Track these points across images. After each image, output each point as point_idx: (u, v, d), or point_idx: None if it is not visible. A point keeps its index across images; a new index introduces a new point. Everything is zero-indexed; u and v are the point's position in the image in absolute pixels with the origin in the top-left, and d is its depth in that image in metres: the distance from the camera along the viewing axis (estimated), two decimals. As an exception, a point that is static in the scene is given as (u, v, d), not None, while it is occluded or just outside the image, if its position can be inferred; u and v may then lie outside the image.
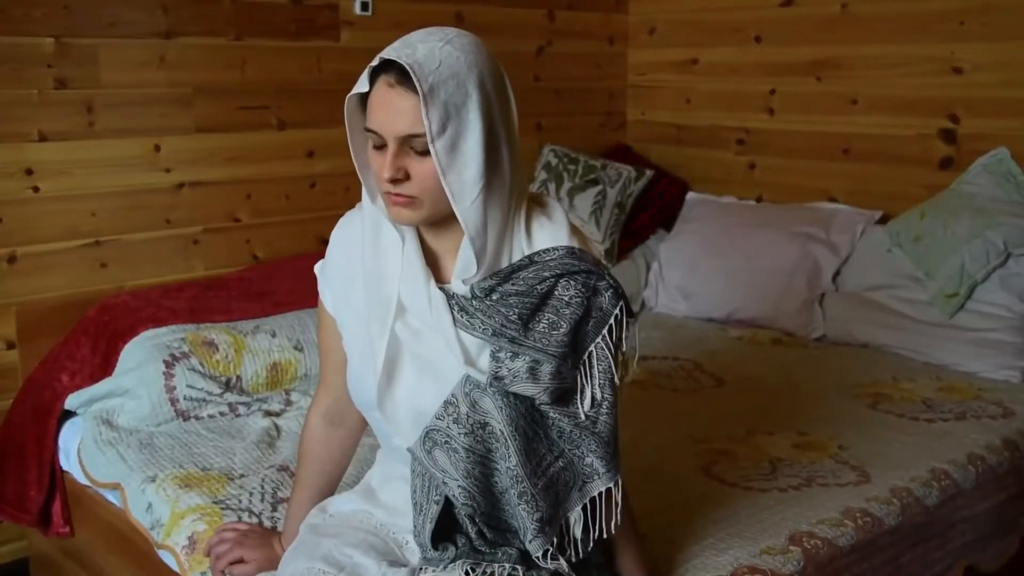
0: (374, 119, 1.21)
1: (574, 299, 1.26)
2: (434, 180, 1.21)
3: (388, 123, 1.20)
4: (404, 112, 1.18)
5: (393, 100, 1.19)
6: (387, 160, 1.20)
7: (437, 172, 1.19)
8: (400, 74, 1.18)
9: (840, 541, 1.68)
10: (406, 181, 1.21)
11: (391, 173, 1.20)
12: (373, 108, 1.22)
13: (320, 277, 1.43)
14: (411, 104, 1.18)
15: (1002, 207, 2.64)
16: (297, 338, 2.37)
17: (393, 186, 1.21)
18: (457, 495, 1.24)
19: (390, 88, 1.20)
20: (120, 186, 2.53)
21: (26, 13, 2.32)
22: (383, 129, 1.20)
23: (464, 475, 1.24)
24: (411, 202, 1.23)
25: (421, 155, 1.20)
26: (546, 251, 1.28)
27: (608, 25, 3.69)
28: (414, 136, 1.19)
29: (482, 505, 1.26)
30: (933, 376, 2.53)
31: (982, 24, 2.80)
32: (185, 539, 1.73)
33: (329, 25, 2.87)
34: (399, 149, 1.20)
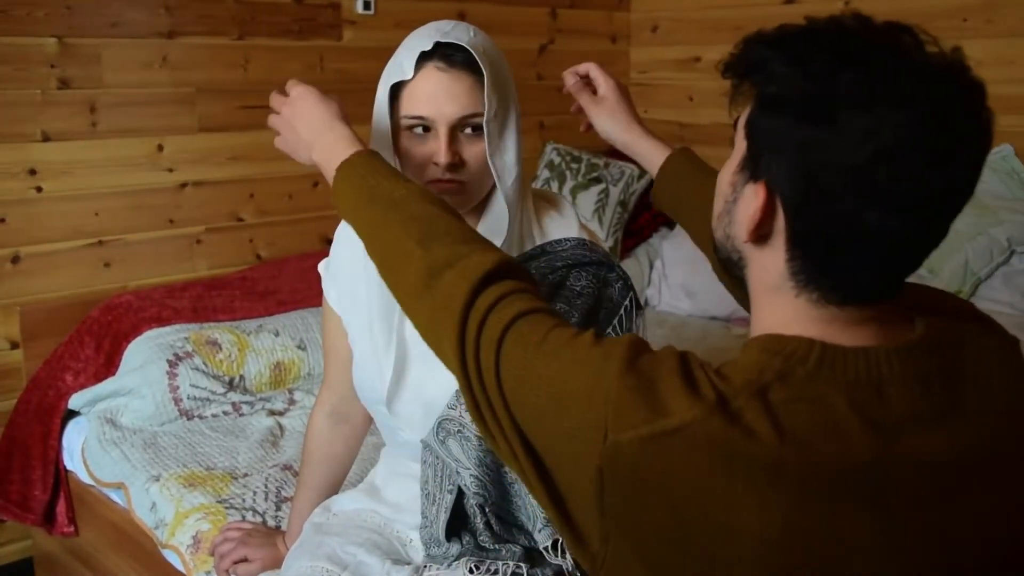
0: (423, 105, 1.20)
1: (585, 290, 1.27)
2: (483, 163, 1.22)
3: (443, 106, 1.20)
4: (459, 95, 1.19)
5: (448, 83, 1.19)
6: (442, 145, 1.20)
7: (485, 155, 1.20)
8: (449, 58, 1.19)
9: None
10: (461, 166, 1.22)
11: (449, 158, 1.20)
12: (420, 94, 1.21)
13: (324, 275, 1.43)
14: (467, 86, 1.19)
15: (1006, 204, 2.64)
16: (300, 337, 2.37)
17: (449, 171, 1.21)
18: (469, 484, 1.24)
19: (443, 72, 1.20)
20: (123, 186, 2.54)
21: (29, 13, 2.32)
22: (436, 113, 1.20)
23: (476, 463, 1.24)
24: (461, 187, 1.23)
25: (471, 138, 1.21)
26: (558, 242, 1.29)
27: (610, 23, 3.69)
28: (468, 118, 1.20)
29: (493, 495, 1.26)
30: (937, 374, 2.52)
31: (985, 21, 2.80)
32: (189, 538, 1.74)
33: (331, 24, 2.87)
34: (452, 133, 1.20)
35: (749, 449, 0.76)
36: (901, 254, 0.82)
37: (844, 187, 0.77)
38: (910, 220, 0.78)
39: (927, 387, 0.82)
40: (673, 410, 0.78)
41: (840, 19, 0.82)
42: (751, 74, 0.84)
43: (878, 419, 0.80)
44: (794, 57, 0.80)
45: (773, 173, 0.82)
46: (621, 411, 0.79)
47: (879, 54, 0.78)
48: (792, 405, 0.79)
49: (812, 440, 0.77)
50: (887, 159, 0.76)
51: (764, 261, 0.86)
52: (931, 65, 0.79)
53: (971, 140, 0.80)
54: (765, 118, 0.82)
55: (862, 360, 0.82)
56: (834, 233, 0.80)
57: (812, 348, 0.82)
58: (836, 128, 0.77)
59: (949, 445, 0.82)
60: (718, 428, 0.76)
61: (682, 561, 0.79)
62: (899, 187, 0.76)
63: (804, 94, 0.79)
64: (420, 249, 0.96)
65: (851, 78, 0.77)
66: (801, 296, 0.84)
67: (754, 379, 0.80)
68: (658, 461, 0.77)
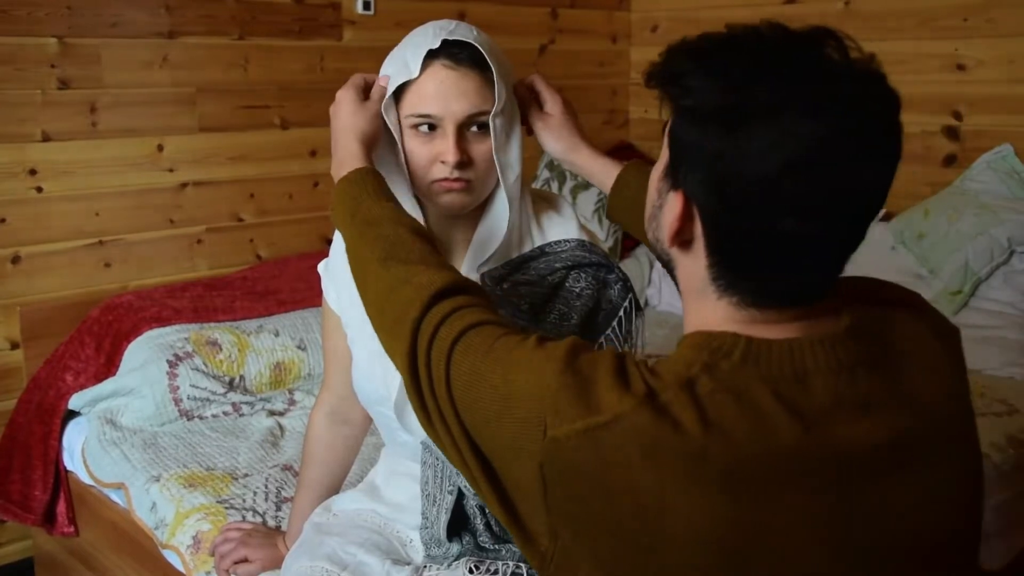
0: (430, 103, 1.20)
1: (584, 291, 1.27)
2: (490, 162, 1.22)
3: (451, 104, 1.19)
4: (467, 92, 1.19)
5: (456, 81, 1.19)
6: (451, 144, 1.19)
7: (491, 153, 1.21)
8: (456, 56, 1.19)
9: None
10: (469, 165, 1.21)
11: (457, 156, 1.19)
12: (427, 92, 1.20)
13: (324, 275, 1.43)
14: (474, 83, 1.19)
15: (1006, 204, 2.64)
16: (300, 337, 2.37)
17: (457, 170, 1.20)
18: (470, 484, 1.24)
19: (450, 69, 1.19)
20: (123, 186, 2.54)
21: (29, 13, 2.32)
22: (444, 111, 1.20)
23: None
24: (467, 186, 1.23)
25: (478, 136, 1.21)
26: (558, 242, 1.29)
27: (611, 23, 3.69)
28: (476, 116, 1.20)
29: None
30: (937, 373, 2.52)
31: (986, 21, 2.80)
32: (189, 538, 1.74)
33: (331, 24, 2.87)
34: (460, 132, 1.20)
35: (676, 441, 0.78)
36: (817, 260, 0.84)
37: (756, 197, 0.79)
38: (822, 227, 0.80)
39: (852, 376, 0.84)
40: (606, 405, 0.81)
41: (758, 28, 0.85)
42: (669, 86, 0.86)
43: (803, 409, 0.82)
44: (709, 70, 0.82)
45: (690, 182, 0.84)
46: (558, 408, 0.82)
47: (790, 65, 0.80)
48: (717, 396, 0.81)
49: (736, 430, 0.79)
50: (795, 169, 0.78)
51: (688, 265, 0.90)
52: (844, 74, 0.80)
53: (881, 149, 0.82)
54: (682, 129, 0.85)
55: (786, 352, 0.84)
56: (749, 241, 0.82)
57: (737, 342, 0.84)
58: (747, 139, 0.79)
59: (876, 432, 0.83)
60: (646, 421, 0.79)
61: (622, 552, 0.81)
62: (808, 196, 0.78)
63: (717, 106, 0.81)
64: (381, 266, 1.03)
65: (761, 90, 0.79)
66: (723, 299, 0.87)
67: (682, 372, 0.83)
68: (593, 455, 0.80)
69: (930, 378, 0.89)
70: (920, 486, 0.85)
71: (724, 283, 0.86)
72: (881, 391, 0.86)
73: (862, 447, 0.83)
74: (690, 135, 0.83)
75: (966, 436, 0.92)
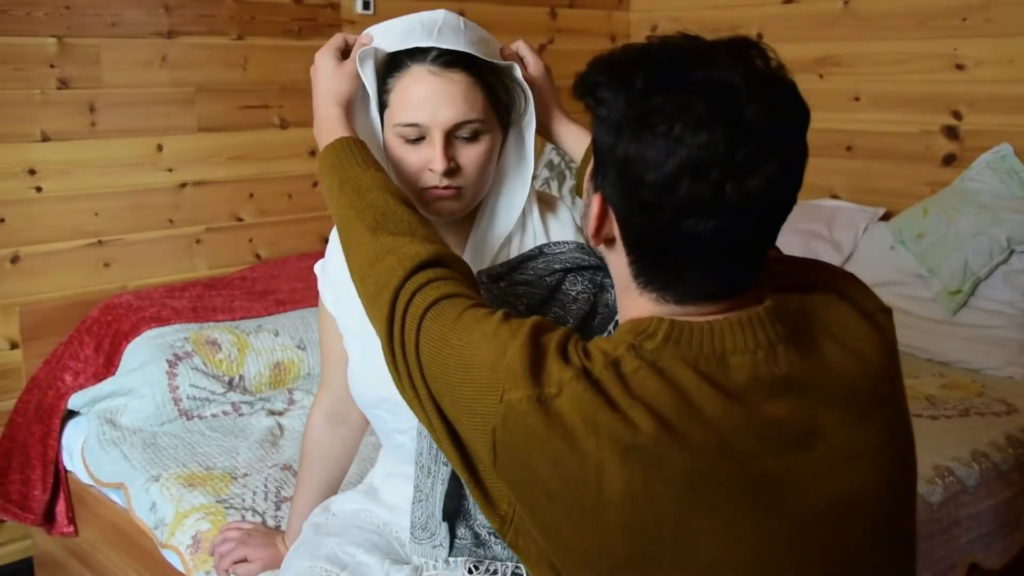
0: (416, 111, 1.17)
1: (581, 295, 1.26)
2: (480, 168, 1.21)
3: (438, 112, 1.17)
4: (454, 98, 1.17)
5: (442, 87, 1.17)
6: (438, 152, 1.17)
7: (484, 157, 1.20)
8: (441, 59, 1.16)
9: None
10: (458, 172, 1.20)
11: (445, 164, 1.17)
12: (413, 99, 1.18)
13: (320, 276, 1.43)
14: (461, 88, 1.17)
15: (1005, 203, 2.64)
16: (300, 337, 2.37)
17: (446, 177, 1.19)
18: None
19: (436, 76, 1.17)
20: (123, 186, 2.54)
21: (28, 13, 2.32)
22: (431, 120, 1.17)
23: None
24: (458, 193, 1.21)
25: (468, 141, 1.19)
26: (556, 244, 1.29)
27: (610, 23, 3.69)
28: (464, 124, 1.18)
29: None
30: (936, 373, 2.52)
31: (985, 20, 2.80)
32: (189, 538, 1.74)
33: (331, 24, 2.87)
34: (448, 139, 1.18)
35: (609, 418, 0.85)
36: (724, 257, 0.88)
37: (656, 200, 0.86)
38: (723, 226, 0.85)
39: (772, 354, 0.89)
40: (551, 377, 0.88)
41: (671, 40, 0.90)
42: (585, 97, 0.93)
43: (723, 385, 0.87)
44: (617, 82, 0.88)
45: (606, 186, 0.91)
46: (514, 376, 0.88)
47: (689, 77, 0.85)
48: (641, 373, 0.87)
49: (660, 404, 0.85)
50: (688, 173, 0.83)
51: (614, 262, 0.97)
52: (746, 86, 0.84)
53: (777, 154, 0.85)
54: (599, 135, 0.91)
55: (707, 333, 0.89)
56: (657, 240, 0.88)
57: (661, 324, 0.90)
58: (646, 146, 0.85)
59: (796, 408, 0.88)
60: (583, 391, 0.86)
61: (565, 517, 0.87)
62: (704, 198, 0.84)
63: (623, 116, 0.87)
64: (370, 235, 1.07)
65: (658, 100, 0.85)
66: (644, 295, 0.93)
67: (609, 352, 0.89)
68: (542, 420, 0.86)
69: (851, 357, 0.93)
70: (840, 456, 0.90)
71: (643, 280, 0.92)
72: (802, 368, 0.90)
73: (782, 421, 0.88)
74: (605, 142, 0.90)
75: (892, 407, 0.96)
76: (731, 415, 0.86)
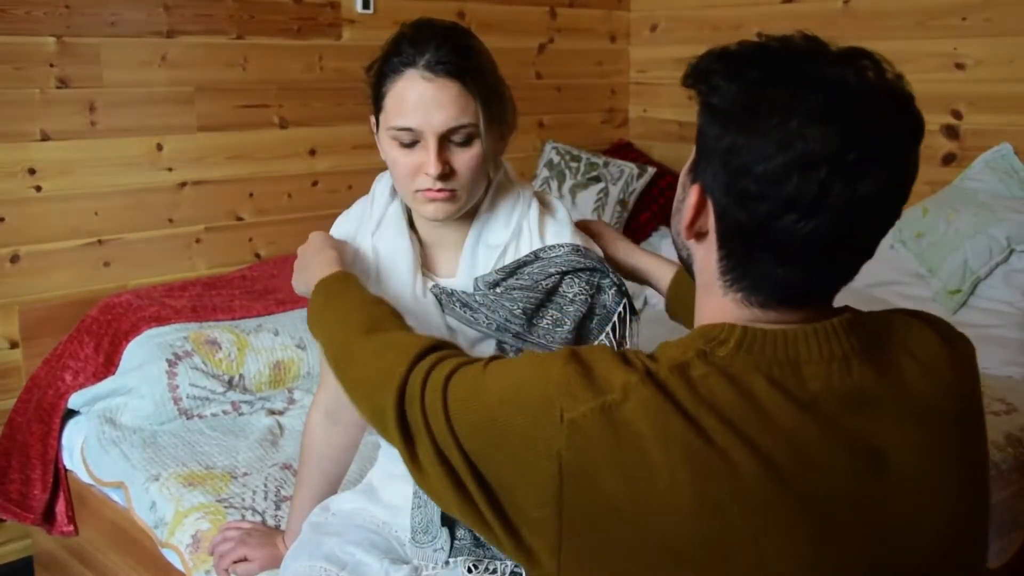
0: (410, 115, 1.19)
1: (578, 296, 1.26)
2: (474, 171, 1.22)
3: (431, 117, 1.18)
4: (446, 104, 1.18)
5: (434, 93, 1.18)
6: (432, 156, 1.18)
7: (477, 161, 1.20)
8: (434, 66, 1.17)
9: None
10: (452, 175, 1.21)
11: (439, 168, 1.19)
12: (407, 103, 1.19)
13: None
14: (453, 94, 1.18)
15: (1005, 203, 2.64)
16: (300, 336, 2.37)
17: (439, 181, 1.20)
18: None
19: (429, 81, 1.18)
20: (122, 185, 2.53)
21: (28, 12, 2.32)
22: (424, 124, 1.18)
23: None
24: (452, 196, 1.22)
25: (462, 145, 1.20)
26: (552, 247, 1.29)
27: (610, 22, 3.69)
28: (457, 128, 1.19)
29: None
30: (936, 372, 2.52)
31: (984, 20, 2.80)
32: (189, 537, 1.74)
33: (331, 23, 2.87)
34: (441, 143, 1.19)
35: (679, 425, 0.82)
36: (818, 261, 0.87)
37: (760, 192, 0.84)
38: (822, 228, 0.83)
39: (846, 366, 0.88)
40: (613, 383, 0.85)
41: (791, 38, 0.89)
42: (698, 84, 0.91)
43: (796, 395, 0.85)
44: (733, 71, 0.87)
45: (706, 175, 0.90)
46: (571, 392, 0.85)
47: (809, 73, 0.84)
48: (711, 379, 0.85)
49: (731, 413, 0.83)
50: (797, 169, 0.81)
51: (702, 257, 0.95)
52: (862, 89, 0.84)
53: (888, 164, 0.84)
54: (707, 125, 0.90)
55: (780, 340, 0.88)
56: (753, 234, 0.86)
57: (732, 331, 0.88)
58: (757, 137, 0.84)
59: (868, 423, 0.86)
60: (650, 396, 0.83)
61: (631, 537, 0.83)
62: (809, 197, 0.82)
63: (735, 105, 0.86)
64: (365, 338, 1.07)
65: (776, 93, 0.84)
66: (728, 295, 0.91)
67: (676, 357, 0.87)
68: (609, 430, 0.83)
69: (929, 377, 0.91)
70: (910, 480, 0.87)
71: (731, 278, 0.90)
72: (876, 383, 0.88)
73: (854, 436, 0.86)
74: (711, 131, 0.88)
75: (968, 436, 0.93)
76: (803, 426, 0.84)
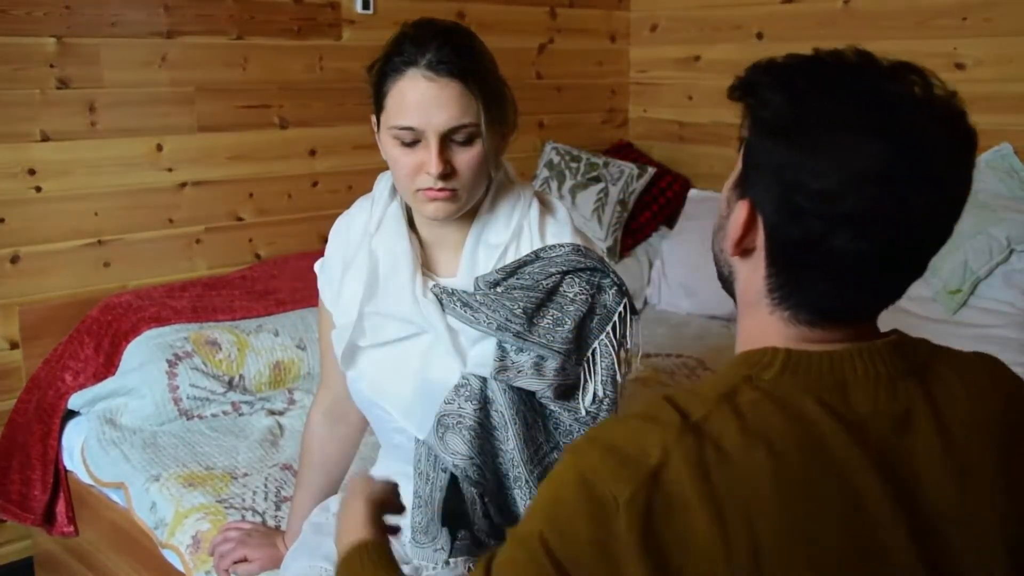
0: (411, 115, 1.19)
1: (579, 296, 1.26)
2: (475, 171, 1.22)
3: (432, 116, 1.18)
4: (447, 104, 1.18)
5: (436, 92, 1.18)
6: (433, 156, 1.19)
7: (478, 161, 1.21)
8: (436, 66, 1.18)
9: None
10: (453, 175, 1.21)
11: (441, 167, 1.19)
12: (408, 103, 1.19)
13: (320, 275, 1.43)
14: (455, 93, 1.18)
15: (1005, 203, 2.64)
16: (300, 337, 2.37)
17: (441, 180, 1.20)
18: (471, 473, 1.24)
19: (431, 81, 1.18)
20: (122, 185, 2.53)
21: (28, 13, 2.32)
22: (425, 124, 1.19)
23: (478, 451, 1.24)
24: (453, 195, 1.23)
25: (463, 145, 1.21)
26: (552, 247, 1.29)
27: (610, 22, 3.69)
28: (458, 128, 1.19)
29: (491, 484, 1.26)
30: (936, 372, 2.52)
31: (984, 20, 2.80)
32: (189, 538, 1.74)
33: (331, 24, 2.87)
34: (443, 142, 1.20)
35: (721, 462, 0.79)
36: (869, 278, 0.85)
37: (814, 208, 0.82)
38: (875, 246, 0.82)
39: (892, 389, 0.86)
40: (649, 448, 0.80)
41: (841, 52, 0.87)
42: (746, 97, 0.89)
43: (846, 417, 0.83)
44: (784, 84, 0.85)
45: (757, 191, 0.87)
46: (614, 474, 0.80)
47: (862, 86, 0.83)
48: (761, 406, 0.82)
49: (784, 439, 0.80)
50: (854, 184, 0.80)
51: (747, 275, 0.92)
52: (916, 103, 0.82)
53: (942, 181, 0.83)
54: (756, 139, 0.88)
55: (826, 362, 0.86)
56: (804, 251, 0.84)
57: (777, 354, 0.86)
58: (812, 152, 0.82)
59: (914, 447, 0.85)
60: (688, 448, 0.79)
61: None
62: (864, 213, 0.80)
63: (788, 119, 0.84)
64: None
65: (830, 106, 0.82)
66: (775, 313, 0.89)
67: (721, 386, 0.85)
68: (662, 500, 0.78)
69: (979, 403, 0.89)
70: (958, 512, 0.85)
71: (779, 296, 0.88)
72: (922, 407, 0.86)
73: (900, 459, 0.84)
74: (762, 145, 0.86)
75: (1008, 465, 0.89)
76: (855, 454, 0.81)
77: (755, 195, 0.87)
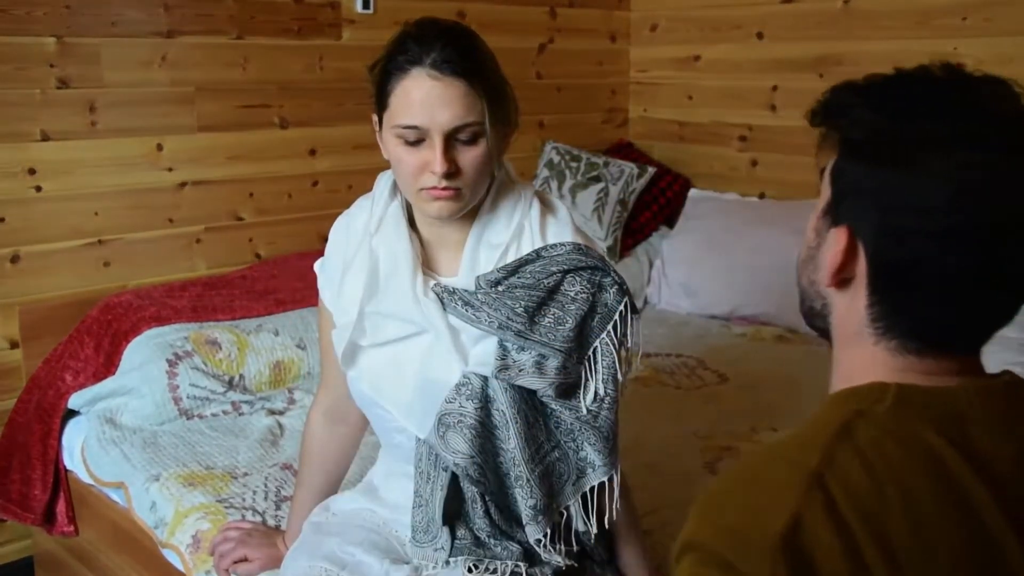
0: (416, 114, 1.19)
1: (580, 295, 1.27)
2: (479, 170, 1.22)
3: (437, 115, 1.18)
4: (452, 102, 1.18)
5: (440, 91, 1.18)
6: (438, 154, 1.19)
7: (482, 159, 1.21)
8: (441, 65, 1.18)
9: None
10: (457, 174, 1.21)
11: (445, 166, 1.19)
12: (413, 102, 1.19)
13: (320, 275, 1.43)
14: (459, 93, 1.18)
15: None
16: (300, 336, 2.37)
17: (445, 179, 1.20)
18: (472, 472, 1.24)
19: (435, 80, 1.18)
20: (122, 185, 2.53)
21: (28, 13, 2.32)
22: (430, 123, 1.19)
23: (479, 450, 1.24)
24: (456, 194, 1.23)
25: (468, 144, 1.21)
26: (553, 246, 1.29)
27: (610, 22, 3.69)
28: (462, 127, 1.19)
29: (492, 483, 1.26)
30: (937, 372, 2.52)
31: (984, 20, 2.80)
32: (189, 538, 1.74)
33: (331, 23, 2.87)
34: (447, 141, 1.20)
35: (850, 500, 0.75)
36: (979, 297, 0.82)
37: (921, 229, 0.79)
38: (985, 266, 0.79)
39: (1009, 432, 0.82)
40: (772, 513, 0.75)
41: (928, 68, 0.85)
42: (835, 119, 0.86)
43: (967, 450, 0.79)
44: (876, 103, 0.83)
45: (854, 217, 0.83)
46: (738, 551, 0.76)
47: (959, 100, 0.81)
48: (882, 446, 0.77)
49: (912, 476, 0.76)
50: (962, 201, 0.77)
51: (846, 306, 0.88)
52: (1013, 112, 0.80)
53: None
54: (848, 163, 0.84)
55: (941, 397, 0.82)
56: (912, 275, 0.81)
57: (887, 388, 0.82)
58: (914, 171, 0.79)
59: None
60: (820, 499, 0.75)
61: None
62: (973, 231, 0.78)
63: (884, 139, 0.81)
64: None
65: (929, 122, 0.79)
66: (880, 344, 0.85)
67: (832, 425, 0.80)
68: (802, 563, 0.74)
69: None
70: None
71: (883, 325, 0.84)
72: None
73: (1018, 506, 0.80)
74: (856, 168, 0.83)
75: None
76: (981, 491, 0.78)
77: (852, 221, 0.83)
